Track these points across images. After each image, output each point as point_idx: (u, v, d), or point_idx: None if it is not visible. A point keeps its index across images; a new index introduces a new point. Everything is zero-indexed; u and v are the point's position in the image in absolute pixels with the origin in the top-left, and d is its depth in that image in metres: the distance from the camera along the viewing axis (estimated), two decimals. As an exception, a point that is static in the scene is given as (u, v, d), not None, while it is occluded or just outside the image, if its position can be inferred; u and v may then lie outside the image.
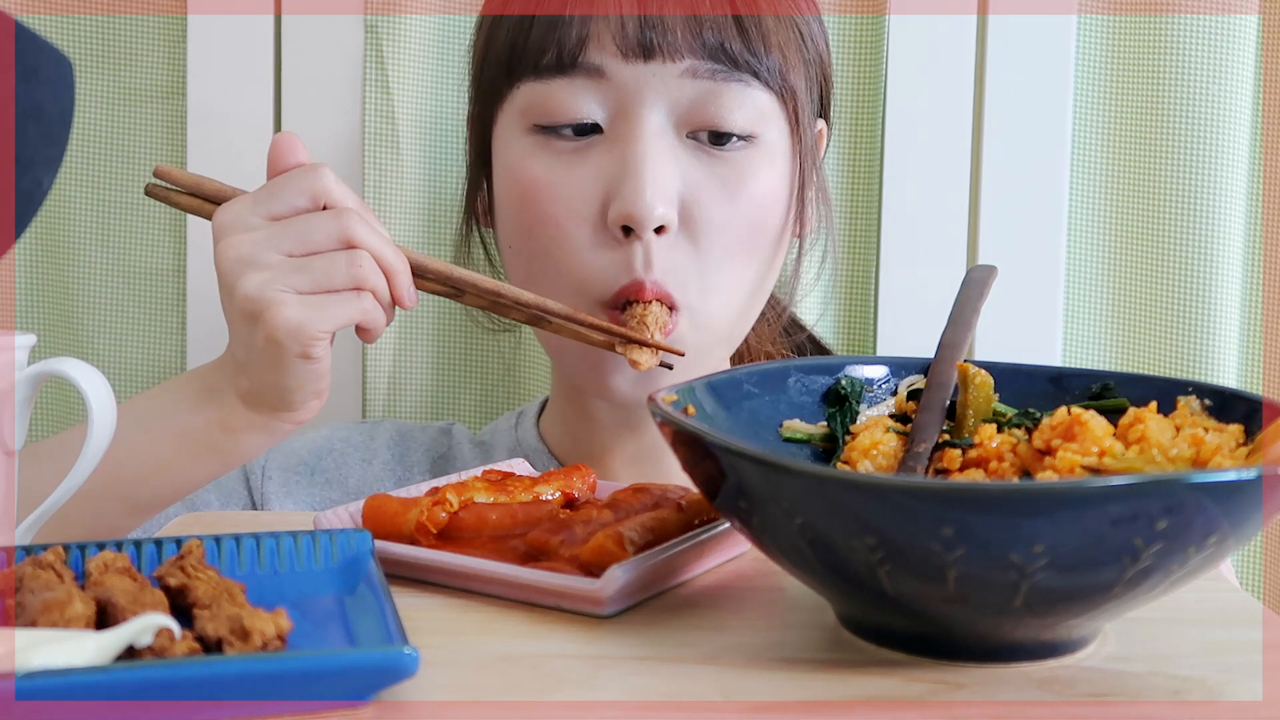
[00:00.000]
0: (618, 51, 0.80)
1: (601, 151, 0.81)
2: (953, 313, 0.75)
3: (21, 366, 0.62)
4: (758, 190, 0.83)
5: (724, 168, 0.82)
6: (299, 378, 0.74)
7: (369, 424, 1.01)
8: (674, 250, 0.81)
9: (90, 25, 1.09)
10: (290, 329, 0.71)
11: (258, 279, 0.71)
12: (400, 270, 0.74)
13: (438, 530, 0.63)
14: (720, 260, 0.82)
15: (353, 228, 0.72)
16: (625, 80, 0.80)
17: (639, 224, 0.79)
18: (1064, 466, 0.55)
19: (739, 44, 0.80)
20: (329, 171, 0.73)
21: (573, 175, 0.82)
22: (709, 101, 0.81)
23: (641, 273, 0.80)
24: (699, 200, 0.81)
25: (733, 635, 0.55)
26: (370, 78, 1.07)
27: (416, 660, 0.47)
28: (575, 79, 0.81)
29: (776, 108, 0.84)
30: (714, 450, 0.52)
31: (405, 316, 1.09)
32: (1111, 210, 1.07)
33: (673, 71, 0.80)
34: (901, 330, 1.07)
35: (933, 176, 1.06)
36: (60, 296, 1.12)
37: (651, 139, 0.80)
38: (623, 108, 0.81)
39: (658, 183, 0.79)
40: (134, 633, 0.46)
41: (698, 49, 0.80)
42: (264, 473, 0.95)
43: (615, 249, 0.81)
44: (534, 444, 0.96)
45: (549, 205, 0.82)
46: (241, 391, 0.76)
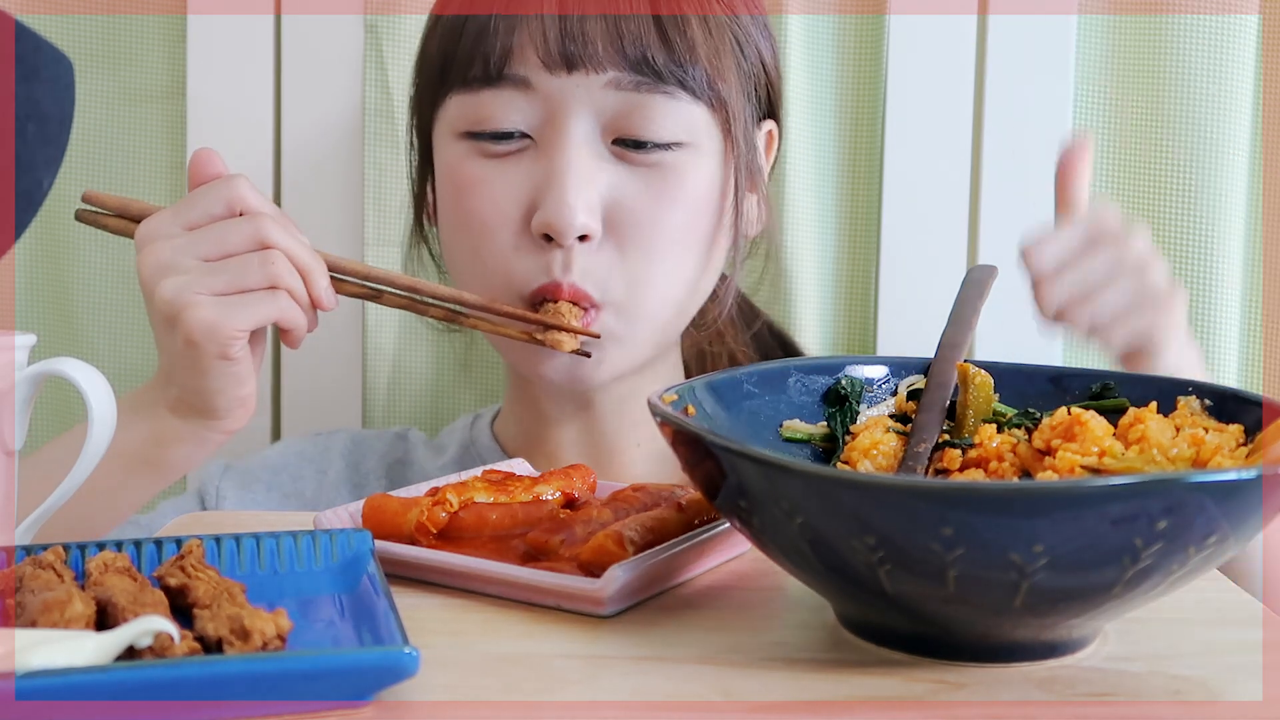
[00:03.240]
0: (541, 63, 0.81)
1: (531, 158, 0.84)
2: (953, 313, 0.75)
3: (21, 366, 0.62)
4: (685, 194, 0.84)
5: (650, 173, 0.83)
6: (219, 380, 0.75)
7: (323, 435, 1.02)
8: (597, 255, 0.83)
9: (90, 25, 1.09)
10: (205, 328, 0.73)
11: (173, 282, 0.73)
12: (315, 270, 0.76)
13: (438, 530, 0.63)
14: (649, 262, 0.84)
15: (266, 230, 0.74)
16: (551, 91, 0.82)
17: (559, 234, 0.81)
18: (1064, 466, 0.55)
19: (663, 55, 0.81)
20: (244, 180, 0.76)
21: (503, 178, 0.84)
22: (633, 112, 0.82)
23: (559, 275, 0.82)
24: (624, 206, 0.83)
25: (733, 635, 0.55)
26: (370, 78, 1.07)
27: (416, 660, 0.47)
28: (502, 90, 0.82)
29: (707, 117, 0.84)
30: (714, 450, 0.52)
31: (405, 317, 1.09)
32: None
33: (597, 83, 0.81)
34: (901, 330, 1.07)
35: (933, 176, 1.06)
36: (60, 296, 1.12)
37: (576, 149, 0.82)
38: (549, 117, 0.83)
39: (580, 193, 0.81)
40: (134, 635, 0.46)
41: (620, 61, 0.81)
42: (219, 492, 0.96)
43: (537, 253, 0.83)
44: (486, 441, 0.97)
45: (478, 203, 0.84)
46: (170, 402, 0.78)
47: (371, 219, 1.08)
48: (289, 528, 0.61)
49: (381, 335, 1.09)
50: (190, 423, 0.78)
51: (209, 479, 0.96)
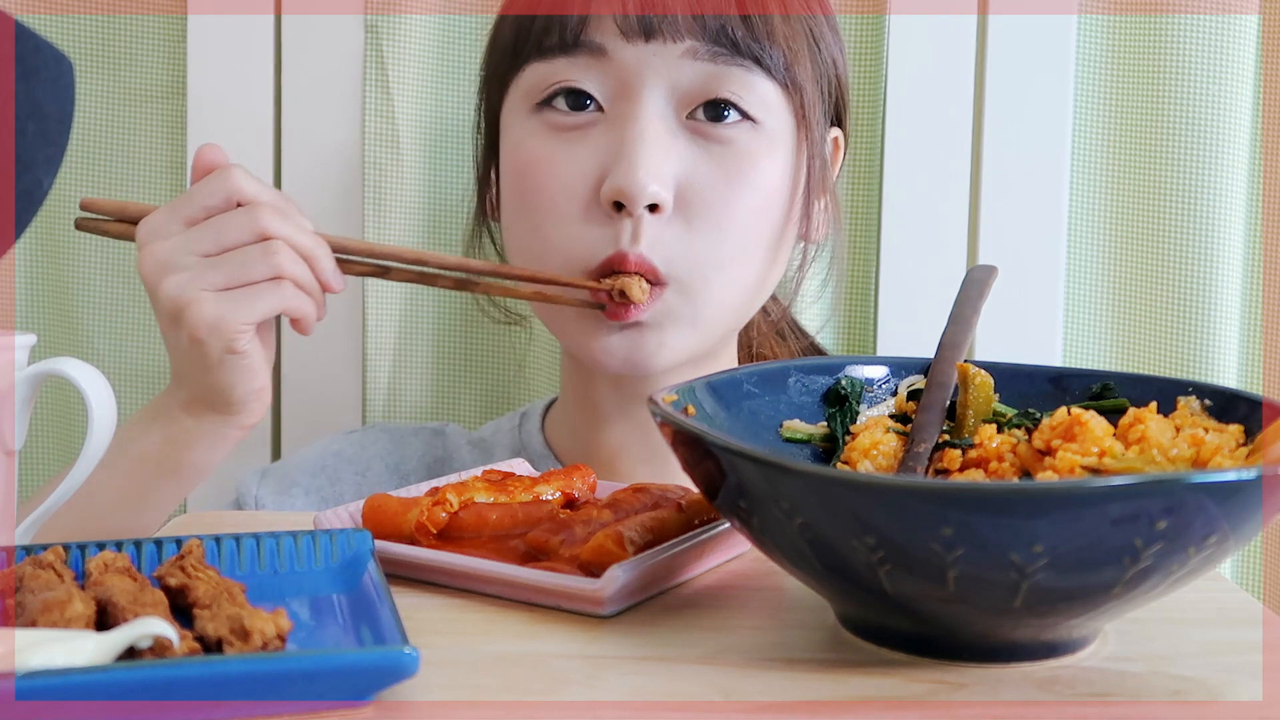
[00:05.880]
0: (619, 31, 0.80)
1: (601, 132, 0.82)
2: (953, 313, 0.75)
3: (21, 366, 0.62)
4: (758, 178, 0.83)
5: (724, 152, 0.82)
6: (230, 375, 0.75)
7: (359, 433, 1.00)
8: (666, 229, 0.81)
9: (90, 25, 1.09)
10: (209, 325, 0.73)
11: (175, 280, 0.73)
12: (319, 255, 0.75)
13: (438, 530, 0.63)
14: (718, 243, 0.82)
15: (265, 220, 0.73)
16: (626, 60, 0.81)
17: (631, 199, 0.79)
18: (1064, 466, 0.55)
19: (742, 30, 0.81)
20: (240, 170, 0.75)
21: (570, 153, 0.82)
22: (709, 83, 0.81)
23: (627, 245, 0.80)
24: (697, 184, 0.81)
25: (733, 635, 0.55)
26: (370, 78, 1.07)
27: (416, 660, 0.47)
28: (578, 58, 0.81)
29: (781, 99, 0.83)
30: (714, 450, 0.52)
31: (405, 317, 1.09)
32: (1111, 210, 1.07)
33: (674, 52, 0.80)
34: (901, 330, 1.07)
35: (933, 177, 1.06)
36: (60, 296, 1.12)
37: (650, 120, 0.81)
38: (623, 88, 0.82)
39: (653, 161, 0.80)
40: (133, 637, 0.46)
41: (698, 31, 0.80)
42: (257, 500, 0.95)
43: (605, 224, 0.81)
44: (539, 448, 0.95)
45: (544, 180, 0.83)
46: (183, 402, 0.78)
47: (371, 219, 1.08)
48: (289, 528, 0.61)
49: (381, 335, 1.09)
50: (205, 421, 0.78)
51: (246, 488, 0.95)
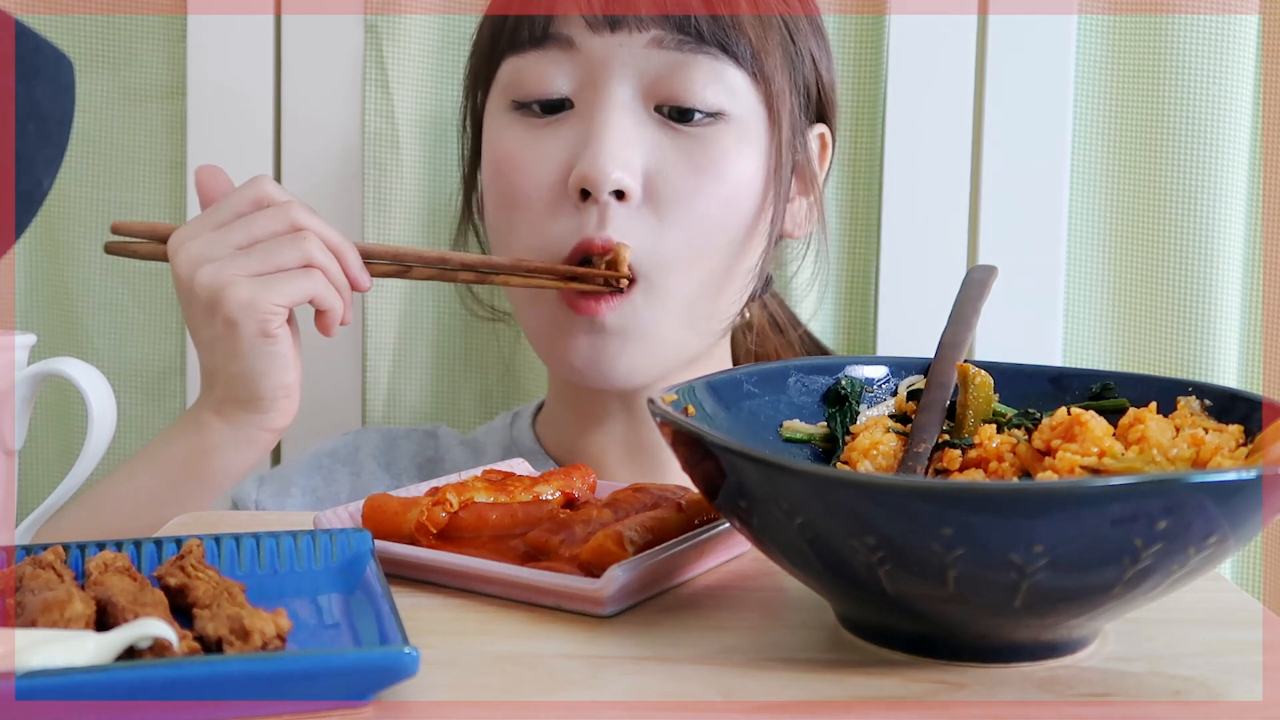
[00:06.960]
0: (585, 23, 0.82)
1: (570, 125, 0.83)
2: (953, 313, 0.75)
3: (21, 366, 0.62)
4: (727, 169, 0.83)
5: (692, 144, 0.83)
6: (261, 361, 0.76)
7: (352, 435, 1.01)
8: (636, 218, 0.82)
9: (90, 25, 1.09)
10: (243, 305, 0.75)
11: (210, 269, 0.75)
12: (348, 250, 0.78)
13: (438, 530, 0.63)
14: (684, 236, 0.82)
15: (296, 214, 0.76)
16: (593, 50, 0.82)
17: (595, 185, 0.80)
18: (1064, 467, 0.55)
19: (707, 19, 0.81)
20: (267, 179, 0.78)
21: (541, 147, 0.84)
22: (676, 73, 0.82)
23: (594, 232, 0.81)
24: (663, 175, 0.82)
25: (733, 635, 0.55)
26: (370, 78, 1.07)
27: (416, 660, 0.47)
28: (548, 51, 0.83)
29: (750, 88, 0.84)
30: (714, 450, 0.52)
31: (405, 317, 1.09)
32: (1111, 210, 1.07)
33: (639, 41, 0.81)
34: (901, 330, 1.07)
35: (933, 177, 1.06)
36: (60, 296, 1.12)
37: (615, 108, 0.82)
38: (591, 79, 0.83)
39: (617, 148, 0.81)
40: (133, 637, 0.46)
41: (663, 20, 0.81)
42: (256, 505, 0.95)
43: (573, 213, 0.82)
44: (529, 444, 0.96)
45: (516, 176, 0.84)
46: (214, 405, 0.79)
47: (371, 219, 1.08)
48: (289, 528, 0.61)
49: (381, 335, 1.09)
50: (235, 423, 0.79)
51: (245, 495, 0.95)
